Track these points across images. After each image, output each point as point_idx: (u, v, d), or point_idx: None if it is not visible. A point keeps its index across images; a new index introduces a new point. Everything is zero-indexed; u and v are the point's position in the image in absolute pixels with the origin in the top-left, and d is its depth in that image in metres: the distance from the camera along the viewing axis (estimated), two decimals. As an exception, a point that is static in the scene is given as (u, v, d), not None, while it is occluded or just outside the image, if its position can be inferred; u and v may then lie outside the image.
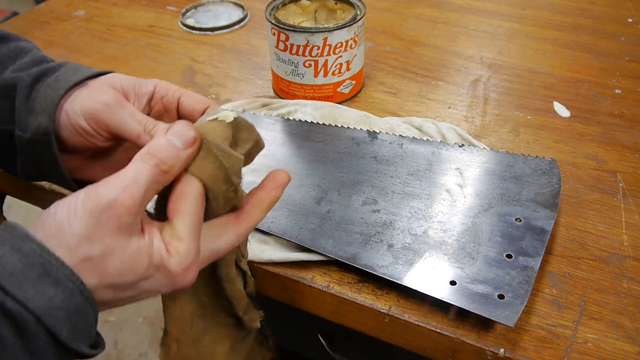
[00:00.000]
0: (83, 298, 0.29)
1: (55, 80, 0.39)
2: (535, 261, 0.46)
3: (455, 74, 0.75)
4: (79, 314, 0.29)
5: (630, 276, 0.47)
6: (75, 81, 0.39)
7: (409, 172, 0.56)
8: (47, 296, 0.28)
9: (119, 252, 0.30)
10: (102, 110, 0.38)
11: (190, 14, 0.93)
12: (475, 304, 0.43)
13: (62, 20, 0.92)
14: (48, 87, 0.38)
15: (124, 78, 0.41)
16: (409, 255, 0.48)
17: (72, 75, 0.39)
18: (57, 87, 0.38)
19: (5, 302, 0.27)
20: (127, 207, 0.30)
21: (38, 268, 0.28)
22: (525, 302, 0.43)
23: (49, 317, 0.28)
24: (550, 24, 0.86)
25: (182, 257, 0.32)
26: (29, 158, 0.40)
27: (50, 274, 0.28)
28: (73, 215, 0.30)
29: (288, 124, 0.63)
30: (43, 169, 0.40)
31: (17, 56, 0.42)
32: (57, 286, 0.28)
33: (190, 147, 0.33)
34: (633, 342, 0.43)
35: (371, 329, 0.48)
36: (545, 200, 0.52)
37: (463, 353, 0.44)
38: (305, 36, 0.64)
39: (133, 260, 0.31)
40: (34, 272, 0.28)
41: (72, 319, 0.29)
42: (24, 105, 0.38)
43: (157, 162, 0.32)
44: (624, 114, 0.66)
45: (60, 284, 0.28)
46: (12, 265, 0.28)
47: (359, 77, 0.71)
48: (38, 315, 0.28)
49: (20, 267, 0.28)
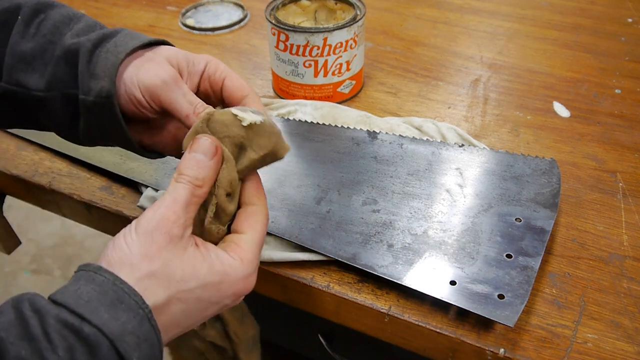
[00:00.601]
0: (151, 327, 0.31)
1: (115, 45, 0.40)
2: (535, 261, 0.46)
3: (455, 74, 0.75)
4: (147, 342, 0.31)
5: (630, 276, 0.47)
6: (134, 46, 0.40)
7: (409, 172, 0.56)
8: (120, 321, 0.30)
9: (178, 260, 0.33)
10: (158, 86, 0.39)
11: (190, 14, 0.93)
12: (475, 303, 0.43)
13: (62, 20, 0.92)
14: (108, 52, 0.40)
15: (180, 53, 0.42)
16: (409, 255, 0.48)
17: (129, 40, 0.40)
18: (116, 52, 0.40)
19: (82, 328, 0.29)
20: (173, 221, 0.34)
21: (112, 295, 0.30)
22: (525, 302, 0.43)
23: (121, 342, 0.29)
24: (550, 24, 0.86)
25: (246, 263, 0.36)
26: (92, 121, 0.41)
27: (123, 300, 0.30)
28: (130, 240, 0.33)
29: (288, 124, 0.63)
30: (106, 131, 0.42)
31: (70, 21, 0.43)
32: (129, 312, 0.30)
33: (215, 156, 0.36)
34: (633, 342, 0.43)
35: (371, 329, 0.48)
36: (545, 200, 0.52)
37: (463, 353, 0.44)
38: (305, 36, 0.64)
39: (193, 266, 0.34)
40: (108, 299, 0.30)
41: (141, 346, 0.30)
42: (87, 70, 0.40)
43: (189, 179, 0.35)
44: (624, 114, 0.66)
45: (132, 310, 0.30)
46: (88, 294, 0.30)
47: (359, 77, 0.71)
48: (112, 339, 0.29)
49: (95, 295, 0.30)
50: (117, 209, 0.56)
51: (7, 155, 0.64)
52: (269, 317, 0.71)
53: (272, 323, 0.73)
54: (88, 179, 0.60)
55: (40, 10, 0.43)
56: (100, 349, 0.29)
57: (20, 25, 0.42)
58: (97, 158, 0.61)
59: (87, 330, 0.29)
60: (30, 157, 0.63)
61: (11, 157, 0.64)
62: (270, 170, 0.57)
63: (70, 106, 0.41)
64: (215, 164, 0.36)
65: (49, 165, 0.62)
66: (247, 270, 0.36)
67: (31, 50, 0.41)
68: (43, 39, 0.42)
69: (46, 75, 0.41)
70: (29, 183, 0.61)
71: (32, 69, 0.42)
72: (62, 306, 0.30)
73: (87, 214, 0.59)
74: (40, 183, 0.60)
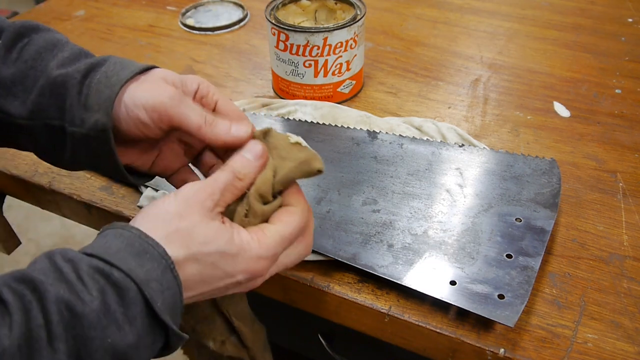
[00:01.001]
0: (173, 277, 0.33)
1: (106, 77, 0.40)
2: (535, 261, 0.46)
3: (455, 74, 0.75)
4: (169, 290, 0.33)
5: (630, 276, 0.47)
6: (127, 77, 0.40)
7: (409, 172, 0.56)
8: (145, 268, 0.32)
9: (203, 226, 0.36)
10: (166, 103, 0.39)
11: (190, 14, 0.93)
12: (475, 304, 0.43)
13: (62, 20, 0.92)
14: (100, 84, 0.40)
15: (171, 74, 0.43)
16: (409, 255, 0.48)
17: (120, 70, 0.40)
18: (110, 84, 0.39)
19: (112, 272, 0.31)
20: (208, 194, 0.37)
21: (137, 247, 0.33)
22: (525, 302, 0.43)
23: (147, 287, 0.32)
24: (550, 24, 0.86)
25: (263, 247, 0.37)
26: (82, 152, 0.41)
27: (148, 251, 0.33)
28: (168, 201, 0.37)
29: (288, 124, 0.63)
30: (96, 161, 0.42)
31: (54, 47, 0.42)
32: (153, 261, 0.33)
33: (261, 159, 0.40)
34: (633, 342, 0.43)
35: (371, 329, 0.48)
36: (545, 200, 0.52)
37: (463, 353, 0.44)
38: (305, 36, 0.64)
39: (214, 233, 0.36)
40: (134, 250, 0.33)
41: (164, 293, 0.33)
42: (77, 102, 0.40)
43: (233, 170, 0.39)
44: (624, 114, 0.66)
45: (155, 260, 0.33)
46: (116, 246, 0.33)
47: (359, 77, 0.71)
48: (139, 283, 0.32)
49: (123, 247, 0.33)
50: (117, 209, 0.56)
51: (7, 155, 0.64)
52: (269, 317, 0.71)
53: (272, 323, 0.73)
54: (88, 179, 0.60)
55: (24, 35, 0.43)
56: (128, 292, 0.31)
57: (2, 50, 0.41)
58: None
59: (117, 275, 0.31)
60: (30, 157, 0.63)
61: (11, 157, 0.64)
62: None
63: (54, 135, 0.41)
64: (259, 166, 0.40)
65: (49, 165, 0.62)
66: (261, 252, 0.37)
67: (11, 76, 0.41)
68: (24, 64, 0.41)
69: (28, 103, 0.41)
70: (29, 183, 0.61)
71: (12, 95, 0.41)
72: (93, 256, 0.32)
73: (87, 214, 0.59)
74: (40, 183, 0.60)
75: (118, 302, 0.31)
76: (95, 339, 0.29)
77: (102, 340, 0.30)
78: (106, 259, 0.32)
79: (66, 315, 0.29)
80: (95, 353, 0.29)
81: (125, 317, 0.31)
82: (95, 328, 0.30)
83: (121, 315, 0.31)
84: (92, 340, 0.29)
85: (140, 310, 0.32)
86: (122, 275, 0.31)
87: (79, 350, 0.29)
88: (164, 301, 0.33)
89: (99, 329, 0.30)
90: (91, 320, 0.30)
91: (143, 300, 0.32)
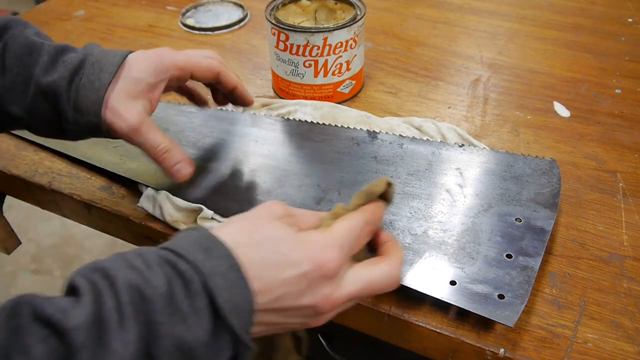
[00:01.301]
0: (239, 276, 0.33)
1: (89, 81, 0.46)
2: (535, 261, 0.46)
3: (455, 74, 0.75)
4: (235, 288, 0.32)
5: (630, 276, 0.47)
6: (108, 81, 0.46)
7: (409, 172, 0.56)
8: (211, 263, 0.32)
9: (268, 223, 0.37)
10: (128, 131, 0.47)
11: (190, 14, 0.93)
12: (475, 304, 0.43)
13: (62, 20, 0.92)
14: (85, 89, 0.45)
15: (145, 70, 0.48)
16: (409, 255, 0.48)
17: (100, 73, 0.46)
18: (94, 89, 0.45)
19: (177, 262, 0.32)
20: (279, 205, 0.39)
21: (205, 244, 0.34)
22: (525, 302, 0.43)
23: (212, 279, 0.32)
24: (550, 24, 0.86)
25: (328, 237, 0.36)
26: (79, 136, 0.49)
27: (214, 250, 0.33)
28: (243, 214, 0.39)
29: (288, 123, 0.63)
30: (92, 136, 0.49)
31: (32, 52, 0.46)
32: (219, 259, 0.33)
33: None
34: (633, 342, 0.43)
35: (371, 329, 0.48)
36: (545, 200, 0.52)
37: (463, 353, 0.44)
38: (305, 36, 0.64)
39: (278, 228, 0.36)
40: (202, 247, 0.33)
41: (229, 290, 0.32)
42: (68, 106, 0.46)
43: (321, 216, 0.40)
44: (624, 114, 0.66)
45: (222, 258, 0.33)
46: (185, 241, 0.34)
47: (359, 77, 0.71)
48: (204, 275, 0.32)
49: (191, 242, 0.34)
50: (117, 209, 0.56)
51: (7, 155, 0.64)
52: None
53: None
54: (88, 179, 0.60)
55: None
56: (193, 284, 0.31)
57: None
58: (97, 158, 0.61)
59: (183, 265, 0.32)
60: (30, 157, 0.64)
61: (11, 157, 0.64)
62: (270, 170, 0.57)
63: (52, 127, 0.48)
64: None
65: (49, 165, 0.62)
66: (326, 241, 0.36)
67: (3, 85, 0.46)
68: (10, 73, 0.46)
69: (25, 108, 0.46)
70: (29, 183, 0.61)
71: (6, 102, 0.46)
72: (162, 249, 0.34)
73: (87, 214, 0.59)
74: (40, 183, 0.60)
75: (184, 293, 0.31)
76: (163, 325, 0.30)
77: (169, 328, 0.30)
78: (174, 249, 0.33)
79: (136, 299, 0.30)
80: (163, 339, 0.29)
81: (191, 309, 0.31)
82: (162, 314, 0.30)
83: (187, 306, 0.31)
84: (160, 325, 0.29)
85: (204, 304, 0.31)
86: (188, 267, 0.32)
87: (148, 334, 0.29)
88: (229, 299, 0.32)
89: (165, 315, 0.30)
90: (159, 305, 0.30)
91: (207, 294, 0.31)
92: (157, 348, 0.29)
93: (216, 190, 0.56)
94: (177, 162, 0.49)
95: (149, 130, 0.47)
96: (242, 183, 0.56)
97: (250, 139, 0.62)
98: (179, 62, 0.50)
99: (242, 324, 0.32)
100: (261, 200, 0.54)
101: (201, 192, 0.56)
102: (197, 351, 0.30)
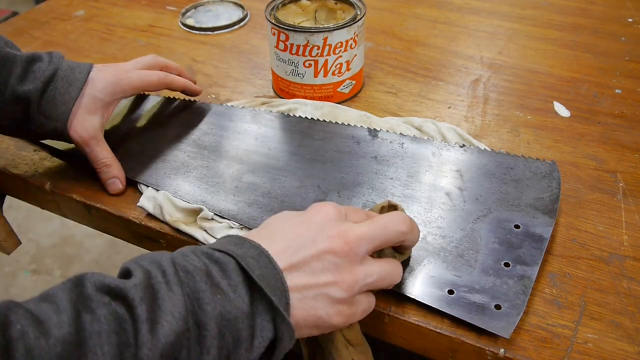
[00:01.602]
0: (269, 260, 0.36)
1: (60, 94, 0.54)
2: (532, 270, 0.46)
3: (455, 74, 0.75)
4: (266, 268, 0.36)
5: (630, 276, 0.47)
6: (76, 95, 0.55)
7: (409, 174, 0.56)
8: (243, 250, 0.37)
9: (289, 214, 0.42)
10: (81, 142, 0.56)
11: (190, 14, 0.93)
12: (472, 314, 0.43)
13: (62, 20, 0.92)
14: (55, 100, 0.54)
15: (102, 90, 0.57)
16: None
17: (69, 87, 0.54)
18: (64, 101, 0.54)
19: (213, 253, 0.36)
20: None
21: (236, 241, 0.38)
22: (522, 312, 0.43)
23: (244, 261, 0.36)
24: (550, 24, 0.86)
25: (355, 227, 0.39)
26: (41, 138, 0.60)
27: (244, 243, 0.38)
28: None
29: (288, 120, 0.63)
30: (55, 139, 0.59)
31: (4, 64, 0.53)
32: (249, 248, 0.37)
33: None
34: (633, 342, 0.43)
35: (371, 329, 0.48)
36: (544, 206, 0.51)
37: (463, 353, 0.44)
38: (305, 36, 0.64)
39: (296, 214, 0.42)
40: (233, 242, 0.38)
41: (261, 269, 0.36)
42: (37, 112, 0.54)
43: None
44: (624, 114, 0.66)
45: (252, 247, 0.37)
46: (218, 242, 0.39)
47: (359, 77, 0.71)
48: (236, 257, 0.36)
49: (223, 242, 0.38)
50: (117, 209, 0.56)
51: (7, 155, 0.64)
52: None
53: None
54: (88, 179, 0.60)
55: None
56: (228, 265, 0.35)
57: None
58: None
59: (217, 254, 0.36)
60: (30, 157, 0.63)
61: (11, 157, 0.64)
62: (270, 170, 0.57)
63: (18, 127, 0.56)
64: None
65: (49, 165, 0.62)
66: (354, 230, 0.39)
67: None
68: None
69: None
70: (29, 183, 0.61)
71: None
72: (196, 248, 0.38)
73: (87, 214, 0.59)
74: (40, 183, 0.60)
75: (221, 274, 0.35)
76: (205, 293, 0.33)
77: (211, 298, 0.33)
78: (209, 246, 0.38)
79: (180, 272, 0.34)
80: (207, 306, 0.33)
81: (229, 286, 0.34)
82: (204, 285, 0.34)
83: (225, 285, 0.34)
84: (203, 294, 0.33)
85: (240, 280, 0.35)
86: (222, 254, 0.36)
87: (194, 301, 0.33)
88: (262, 274, 0.35)
89: (207, 287, 0.34)
90: (201, 278, 0.34)
91: (241, 272, 0.35)
92: (204, 314, 0.33)
93: (216, 191, 0.56)
94: (112, 176, 0.57)
95: (97, 144, 0.56)
96: (242, 184, 0.56)
97: (250, 136, 0.62)
98: (133, 83, 0.58)
99: (277, 295, 0.35)
100: (261, 202, 0.54)
101: (201, 193, 0.56)
102: (239, 322, 0.34)
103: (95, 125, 0.56)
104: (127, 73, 0.58)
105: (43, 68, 0.54)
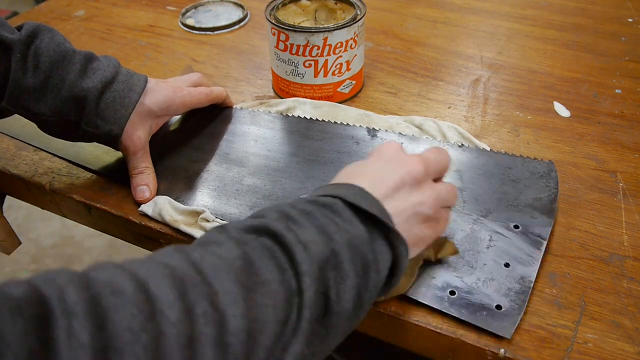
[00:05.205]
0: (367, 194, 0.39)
1: (120, 97, 0.53)
2: (532, 270, 0.46)
3: (455, 74, 0.75)
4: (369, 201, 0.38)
5: (630, 276, 0.47)
6: (136, 101, 0.54)
7: (409, 173, 0.56)
8: (342, 190, 0.39)
9: None
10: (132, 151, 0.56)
11: (190, 14, 0.93)
12: (473, 314, 0.43)
13: (62, 20, 0.92)
14: (115, 103, 0.53)
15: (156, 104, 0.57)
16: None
17: (129, 92, 0.53)
18: (124, 105, 0.53)
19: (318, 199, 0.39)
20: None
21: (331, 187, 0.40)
22: (522, 312, 0.43)
23: (349, 197, 0.38)
24: (550, 24, 0.86)
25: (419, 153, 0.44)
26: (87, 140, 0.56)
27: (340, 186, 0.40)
28: None
29: (287, 120, 0.63)
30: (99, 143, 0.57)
31: (63, 59, 0.51)
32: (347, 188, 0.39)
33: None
34: (633, 342, 0.43)
35: (371, 329, 0.48)
36: (543, 206, 0.51)
37: (463, 353, 0.44)
38: (305, 36, 0.64)
39: None
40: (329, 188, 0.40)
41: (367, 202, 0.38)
42: (94, 112, 0.52)
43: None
44: (624, 114, 0.66)
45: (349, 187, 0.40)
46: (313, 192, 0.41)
47: (359, 77, 0.71)
48: (341, 197, 0.38)
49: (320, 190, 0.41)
50: (117, 209, 0.56)
51: (7, 155, 0.64)
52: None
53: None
54: (88, 179, 0.60)
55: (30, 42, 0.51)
56: (336, 206, 0.38)
57: (20, 61, 0.50)
58: (98, 164, 0.61)
59: (322, 199, 0.39)
60: (30, 157, 0.63)
61: (11, 157, 0.64)
62: (270, 172, 0.57)
63: (68, 126, 0.53)
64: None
65: (49, 165, 0.62)
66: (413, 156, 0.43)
67: (34, 85, 0.50)
68: (43, 75, 0.51)
69: (53, 107, 0.52)
70: (29, 183, 0.61)
71: (36, 100, 0.51)
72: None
73: (87, 214, 0.59)
74: (40, 183, 0.60)
75: (330, 216, 0.37)
76: (330, 226, 0.36)
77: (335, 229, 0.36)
78: (310, 195, 0.40)
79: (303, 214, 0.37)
80: (336, 235, 0.36)
81: (343, 220, 0.37)
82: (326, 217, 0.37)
83: (340, 221, 0.37)
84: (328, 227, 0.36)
85: (351, 214, 0.37)
86: (327, 198, 0.38)
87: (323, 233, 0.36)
88: (368, 205, 0.38)
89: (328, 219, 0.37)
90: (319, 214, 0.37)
91: (349, 207, 0.38)
92: (335, 242, 0.35)
93: (217, 195, 0.56)
94: (144, 184, 0.56)
95: (144, 155, 0.57)
96: (243, 187, 0.56)
97: (250, 137, 0.62)
98: (186, 102, 0.59)
99: (387, 219, 0.38)
100: (262, 204, 0.54)
101: (203, 197, 0.56)
102: (364, 247, 0.36)
103: (146, 135, 0.56)
104: (181, 91, 0.59)
105: (103, 67, 0.53)
